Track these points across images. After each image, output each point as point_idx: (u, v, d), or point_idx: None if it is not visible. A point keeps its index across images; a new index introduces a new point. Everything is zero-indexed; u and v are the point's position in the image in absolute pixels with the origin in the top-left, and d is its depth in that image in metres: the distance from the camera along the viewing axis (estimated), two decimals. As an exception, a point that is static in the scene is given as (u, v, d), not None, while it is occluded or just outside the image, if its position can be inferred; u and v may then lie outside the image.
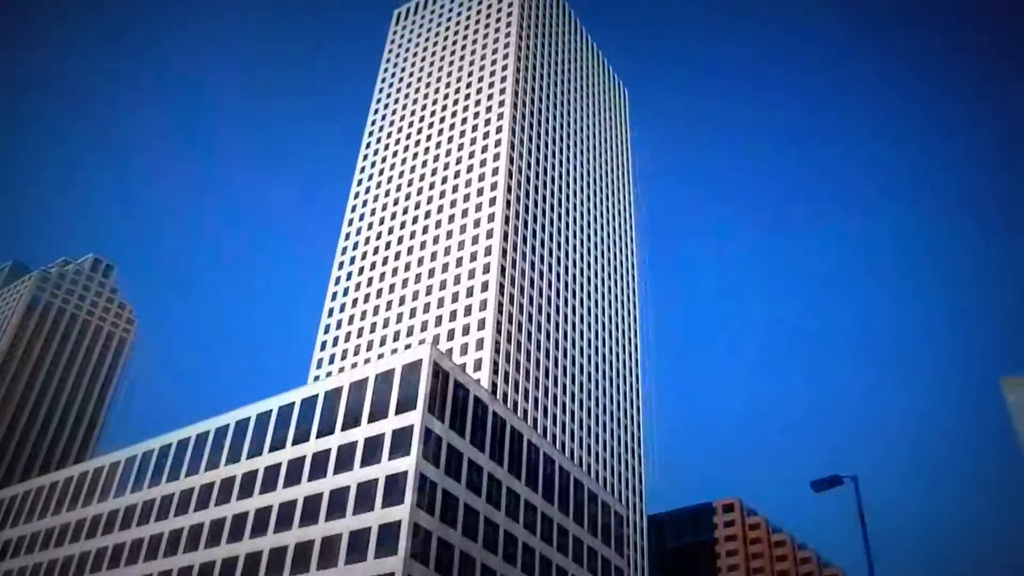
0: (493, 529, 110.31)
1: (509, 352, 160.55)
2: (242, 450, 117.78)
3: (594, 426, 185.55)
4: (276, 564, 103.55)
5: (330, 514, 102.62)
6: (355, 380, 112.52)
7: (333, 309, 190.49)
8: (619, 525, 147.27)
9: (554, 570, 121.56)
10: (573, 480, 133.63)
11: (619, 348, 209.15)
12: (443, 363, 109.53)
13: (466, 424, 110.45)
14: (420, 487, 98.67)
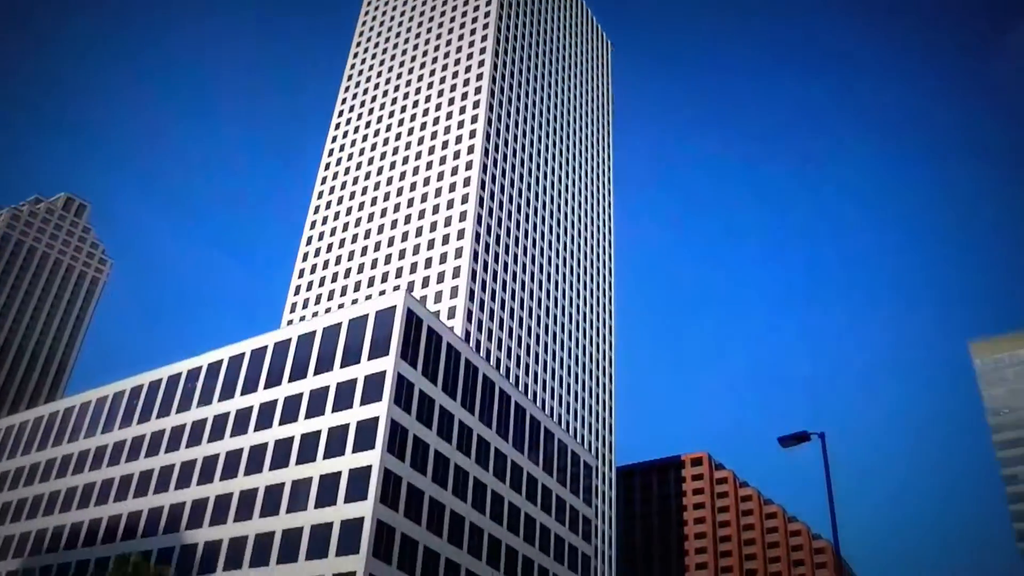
0: (463, 476, 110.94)
1: (483, 301, 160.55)
2: (214, 392, 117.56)
3: (566, 377, 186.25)
4: (245, 507, 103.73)
5: (301, 458, 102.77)
6: (328, 325, 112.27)
7: (308, 254, 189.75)
8: (588, 475, 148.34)
9: (523, 518, 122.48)
10: (544, 430, 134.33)
11: (593, 300, 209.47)
12: (417, 310, 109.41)
13: (439, 371, 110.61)
14: (391, 433, 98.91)
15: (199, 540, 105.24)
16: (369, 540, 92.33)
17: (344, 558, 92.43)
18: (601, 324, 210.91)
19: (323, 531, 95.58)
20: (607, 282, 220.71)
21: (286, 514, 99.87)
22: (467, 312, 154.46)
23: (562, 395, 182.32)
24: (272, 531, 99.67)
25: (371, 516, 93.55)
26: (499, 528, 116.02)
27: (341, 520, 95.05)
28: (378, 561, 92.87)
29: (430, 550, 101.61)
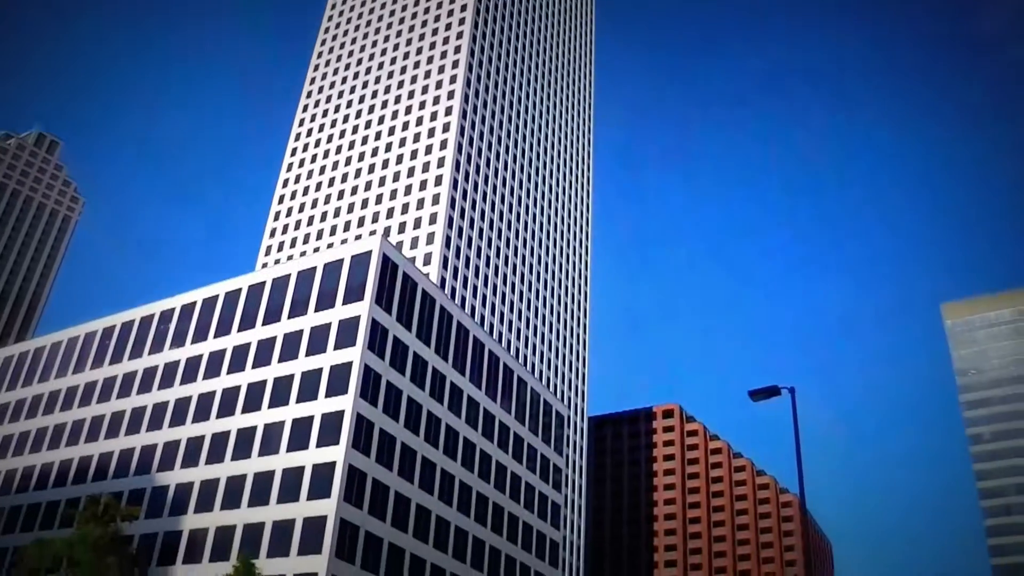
0: (435, 422, 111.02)
1: (460, 248, 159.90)
2: (187, 335, 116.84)
3: (540, 326, 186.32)
4: (217, 450, 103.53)
5: (273, 402, 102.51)
6: (303, 269, 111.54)
7: (284, 197, 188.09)
8: (560, 425, 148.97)
9: (493, 466, 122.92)
10: (517, 378, 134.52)
11: (570, 250, 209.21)
12: (393, 256, 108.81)
13: (413, 317, 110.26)
14: (364, 378, 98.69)
15: (170, 482, 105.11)
16: (341, 484, 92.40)
17: (315, 502, 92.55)
18: (577, 274, 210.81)
19: (295, 475, 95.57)
20: (584, 232, 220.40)
21: (258, 457, 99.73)
22: (443, 259, 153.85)
23: (536, 344, 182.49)
24: (244, 474, 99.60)
25: (343, 460, 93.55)
26: (470, 475, 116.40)
27: (313, 464, 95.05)
28: (349, 505, 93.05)
29: (401, 495, 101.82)
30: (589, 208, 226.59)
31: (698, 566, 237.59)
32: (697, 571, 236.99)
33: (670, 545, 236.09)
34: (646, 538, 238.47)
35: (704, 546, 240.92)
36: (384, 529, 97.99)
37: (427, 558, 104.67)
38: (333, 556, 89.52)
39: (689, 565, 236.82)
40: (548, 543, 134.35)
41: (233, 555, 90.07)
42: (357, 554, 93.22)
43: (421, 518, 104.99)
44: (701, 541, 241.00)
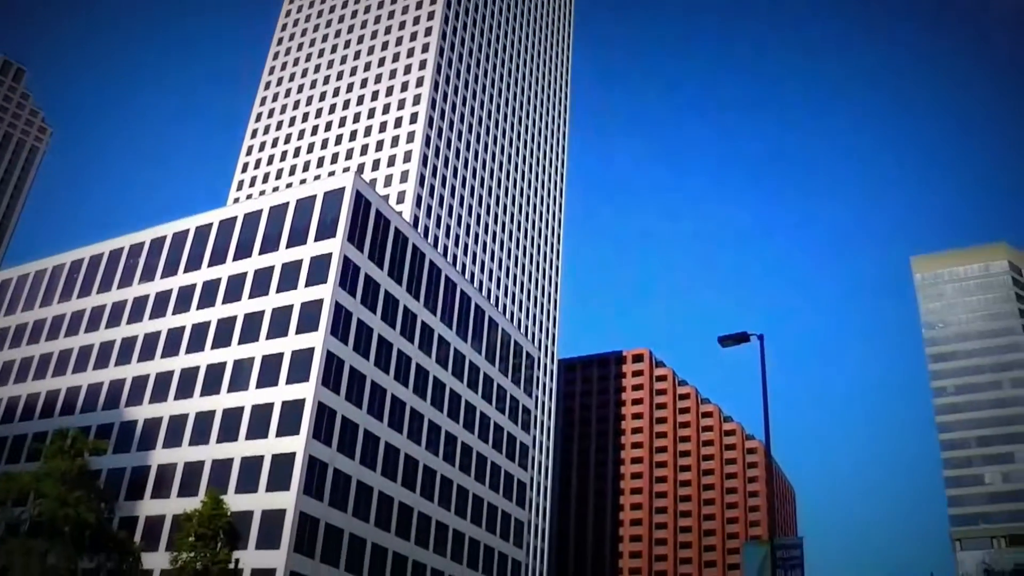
0: (405, 361, 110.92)
1: (434, 187, 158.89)
2: (157, 269, 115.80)
3: (513, 267, 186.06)
4: (186, 386, 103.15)
5: (243, 338, 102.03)
6: (275, 204, 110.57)
7: (257, 131, 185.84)
8: (530, 366, 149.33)
9: (463, 405, 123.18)
10: (488, 319, 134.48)
11: (544, 192, 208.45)
12: (366, 193, 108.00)
13: (385, 256, 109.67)
14: (335, 316, 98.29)
15: (139, 417, 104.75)
16: (310, 421, 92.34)
17: (284, 439, 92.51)
18: (551, 217, 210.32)
19: (264, 411, 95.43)
20: (559, 174, 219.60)
21: (227, 393, 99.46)
22: (417, 198, 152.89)
23: (508, 286, 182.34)
24: (212, 410, 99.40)
25: (312, 397, 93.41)
26: (439, 415, 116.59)
27: (282, 401, 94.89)
28: (318, 443, 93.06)
29: (370, 433, 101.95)
30: (564, 150, 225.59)
31: (663, 509, 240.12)
32: (662, 514, 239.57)
33: (636, 488, 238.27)
34: (613, 481, 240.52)
35: (670, 489, 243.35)
36: (352, 467, 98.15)
37: (395, 496, 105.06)
38: (301, 492, 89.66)
39: (654, 508, 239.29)
40: (516, 483, 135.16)
41: (201, 490, 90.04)
42: (325, 491, 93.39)
43: (390, 456, 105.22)
44: (667, 485, 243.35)
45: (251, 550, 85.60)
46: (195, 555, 69.08)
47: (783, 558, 33.66)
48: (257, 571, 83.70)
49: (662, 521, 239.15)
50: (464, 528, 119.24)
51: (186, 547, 70.13)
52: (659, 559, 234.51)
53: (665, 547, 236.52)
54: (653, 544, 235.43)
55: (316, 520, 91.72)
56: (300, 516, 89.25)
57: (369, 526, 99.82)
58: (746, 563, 36.27)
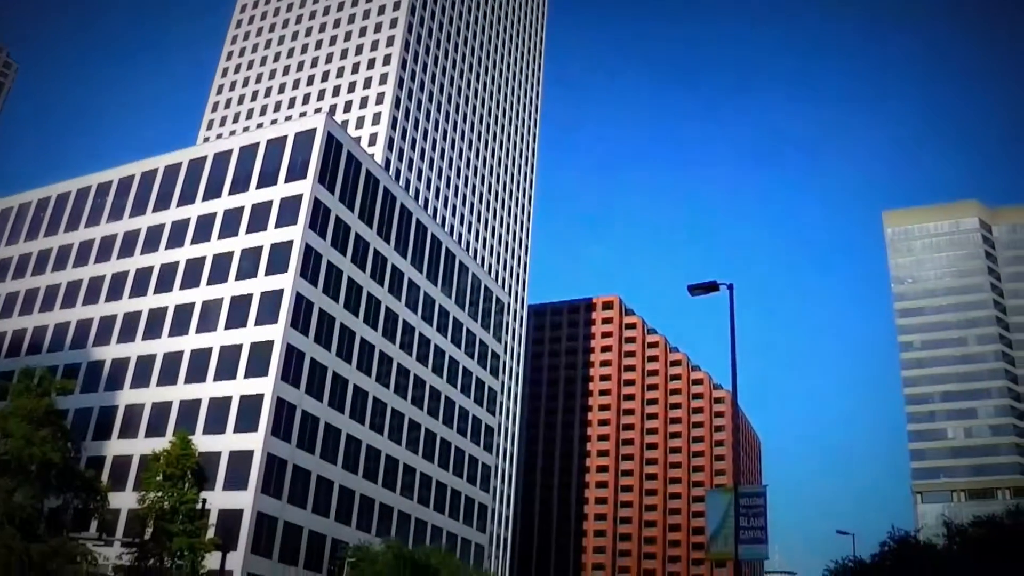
0: (375, 304, 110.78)
1: (406, 130, 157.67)
2: (125, 208, 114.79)
3: (485, 212, 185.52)
4: (154, 326, 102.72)
5: (212, 279, 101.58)
6: (246, 145, 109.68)
7: (228, 69, 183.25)
8: (500, 311, 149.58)
9: (432, 349, 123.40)
10: (458, 263, 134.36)
11: (517, 136, 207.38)
12: (338, 134, 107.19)
13: (356, 198, 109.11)
14: (305, 257, 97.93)
15: (106, 357, 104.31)
16: (278, 363, 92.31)
17: (253, 380, 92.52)
18: (524, 162, 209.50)
19: (232, 353, 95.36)
20: (532, 119, 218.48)
21: (195, 334, 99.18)
22: (389, 140, 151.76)
23: (479, 230, 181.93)
24: (181, 351, 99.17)
25: (281, 339, 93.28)
26: (408, 358, 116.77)
27: (251, 342, 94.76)
28: (287, 384, 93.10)
29: (338, 376, 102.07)
30: (539, 95, 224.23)
31: (629, 457, 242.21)
32: (629, 461, 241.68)
33: (603, 435, 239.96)
34: (580, 428, 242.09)
35: (637, 437, 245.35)
36: (320, 409, 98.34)
37: (363, 439, 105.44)
38: (269, 434, 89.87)
39: (621, 455, 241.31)
40: (483, 428, 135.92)
41: (169, 431, 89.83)
42: (293, 432, 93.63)
43: (358, 399, 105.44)
44: (634, 432, 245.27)
45: (219, 491, 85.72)
46: (162, 495, 69.03)
47: (746, 506, 33.96)
48: (225, 511, 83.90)
49: (628, 468, 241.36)
50: (431, 471, 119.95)
51: (153, 487, 70.04)
52: (624, 505, 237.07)
53: (631, 494, 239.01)
54: (619, 491, 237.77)
55: (284, 461, 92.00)
56: (268, 457, 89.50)
57: (336, 468, 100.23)
58: (710, 510, 36.55)
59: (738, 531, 33.46)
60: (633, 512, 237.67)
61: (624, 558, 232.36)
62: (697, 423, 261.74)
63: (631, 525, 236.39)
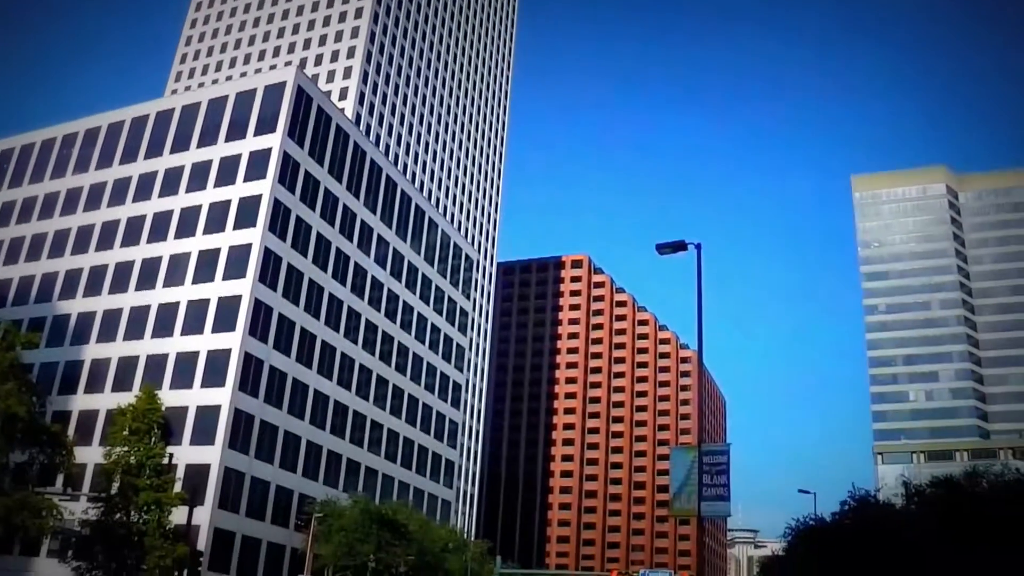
0: (344, 260, 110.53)
1: (377, 84, 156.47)
2: (91, 160, 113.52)
3: (455, 169, 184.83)
4: (121, 280, 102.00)
5: (180, 233, 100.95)
6: (214, 97, 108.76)
7: (197, 20, 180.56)
8: (468, 268, 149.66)
9: (401, 305, 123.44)
10: (428, 219, 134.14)
11: (489, 93, 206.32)
12: (308, 88, 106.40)
13: (326, 152, 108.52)
14: (274, 211, 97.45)
15: (72, 311, 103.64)
16: (246, 318, 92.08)
17: (220, 335, 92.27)
18: (495, 119, 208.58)
19: (200, 307, 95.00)
20: (504, 76, 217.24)
21: (163, 288, 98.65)
22: (359, 95, 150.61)
23: (449, 187, 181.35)
24: (148, 305, 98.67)
25: (249, 294, 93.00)
26: (376, 314, 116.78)
27: (218, 297, 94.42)
28: (254, 339, 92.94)
29: (306, 331, 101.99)
30: (511, 52, 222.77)
31: (596, 415, 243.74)
32: (595, 419, 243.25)
33: (570, 393, 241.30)
34: (547, 386, 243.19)
35: (603, 395, 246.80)
36: (289, 364, 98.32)
37: (331, 394, 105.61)
38: (236, 389, 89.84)
39: (588, 413, 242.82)
40: (451, 384, 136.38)
41: (136, 385, 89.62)
42: (261, 388, 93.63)
43: (326, 354, 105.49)
44: (601, 391, 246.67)
45: (186, 445, 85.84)
46: (129, 449, 68.97)
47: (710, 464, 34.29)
48: (192, 466, 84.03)
49: (594, 426, 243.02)
50: (399, 427, 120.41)
51: (120, 441, 69.97)
52: (591, 463, 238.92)
53: (597, 451, 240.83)
54: (585, 448, 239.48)
55: (251, 416, 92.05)
56: (235, 412, 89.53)
57: (304, 423, 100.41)
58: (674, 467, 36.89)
59: (701, 488, 33.82)
60: (599, 470, 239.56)
61: (589, 515, 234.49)
62: (663, 382, 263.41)
63: (597, 483, 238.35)
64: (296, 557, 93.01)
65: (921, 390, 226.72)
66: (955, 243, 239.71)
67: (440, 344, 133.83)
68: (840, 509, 66.88)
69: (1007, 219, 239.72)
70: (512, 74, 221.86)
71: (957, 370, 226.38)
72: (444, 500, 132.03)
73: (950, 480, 60.66)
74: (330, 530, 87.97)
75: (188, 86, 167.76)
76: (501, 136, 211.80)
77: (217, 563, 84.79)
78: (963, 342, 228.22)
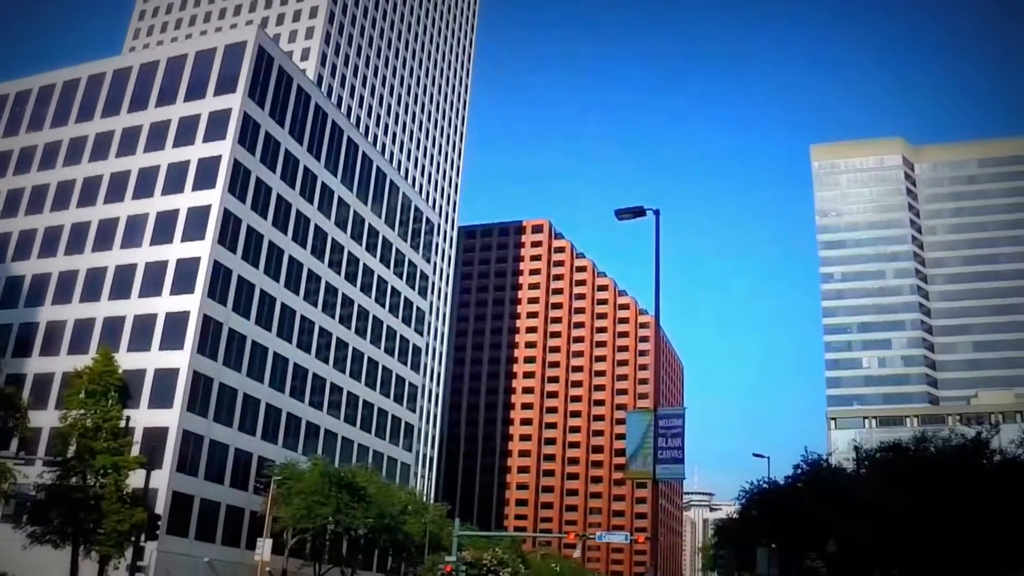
0: (304, 222, 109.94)
1: (339, 45, 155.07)
2: (46, 119, 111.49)
3: (417, 132, 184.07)
4: (77, 241, 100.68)
5: (138, 194, 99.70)
6: (173, 56, 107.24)
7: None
8: (430, 231, 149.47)
9: (361, 268, 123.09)
10: (389, 182, 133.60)
11: (452, 56, 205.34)
12: (269, 48, 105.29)
13: (286, 114, 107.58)
14: (233, 172, 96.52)
15: (26, 272, 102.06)
16: (205, 280, 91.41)
17: (178, 297, 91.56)
18: (457, 81, 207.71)
19: (158, 269, 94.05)
20: (468, 39, 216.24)
21: (120, 250, 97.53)
22: (322, 56, 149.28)
23: (411, 150, 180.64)
24: (104, 267, 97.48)
25: (208, 256, 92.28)
26: (336, 277, 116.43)
27: (177, 259, 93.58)
28: (213, 302, 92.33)
29: (266, 293, 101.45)
30: (475, 15, 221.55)
31: (555, 379, 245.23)
32: (554, 384, 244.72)
33: (529, 357, 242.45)
34: (507, 349, 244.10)
35: (563, 360, 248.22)
36: (248, 326, 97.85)
37: (290, 357, 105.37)
38: (195, 352, 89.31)
39: (547, 377, 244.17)
40: (411, 348, 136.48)
41: (93, 348, 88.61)
42: (219, 350, 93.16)
43: (285, 317, 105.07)
44: (560, 355, 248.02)
45: (144, 409, 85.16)
46: (85, 412, 68.24)
47: (665, 427, 34.63)
48: (150, 429, 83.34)
49: (553, 390, 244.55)
50: (358, 390, 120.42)
51: (76, 404, 69.10)
52: (549, 426, 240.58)
53: (556, 415, 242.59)
54: (544, 412, 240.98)
55: (210, 379, 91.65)
56: (194, 375, 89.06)
57: (263, 386, 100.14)
58: (630, 430, 37.24)
59: (656, 452, 34.21)
60: (557, 434, 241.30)
61: (548, 477, 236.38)
62: (622, 347, 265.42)
63: (555, 446, 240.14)
64: (255, 520, 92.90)
65: (874, 357, 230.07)
66: (910, 213, 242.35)
67: (400, 307, 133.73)
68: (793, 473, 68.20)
69: (961, 191, 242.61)
70: (475, 38, 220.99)
71: (909, 338, 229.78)
72: (403, 463, 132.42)
73: (898, 445, 62.19)
74: (289, 493, 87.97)
75: (147, 44, 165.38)
76: (464, 99, 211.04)
77: (175, 527, 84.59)
78: (916, 311, 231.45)
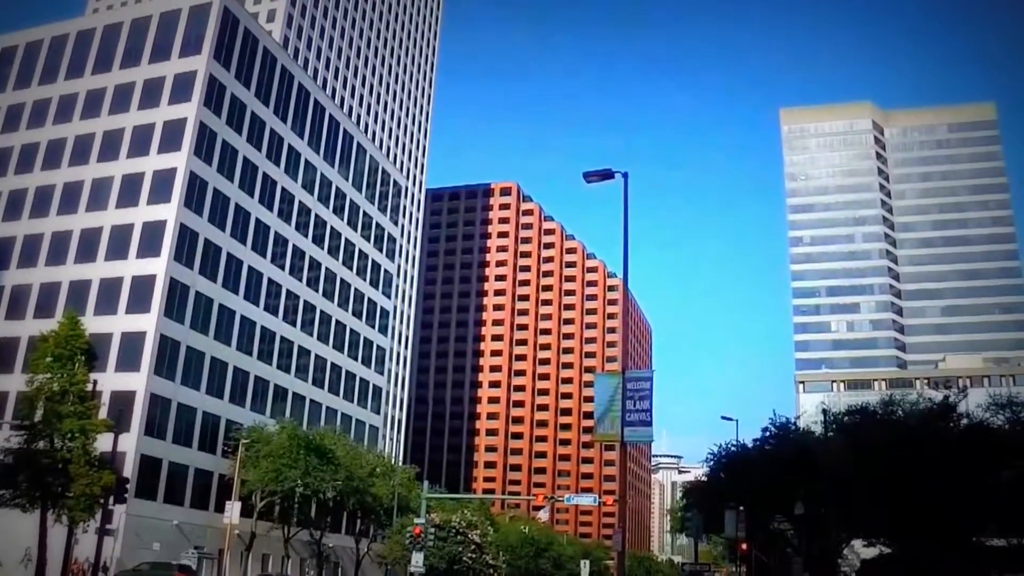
0: (271, 185, 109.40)
1: (306, 7, 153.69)
2: (8, 80, 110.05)
3: (384, 94, 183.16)
4: (42, 204, 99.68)
5: (102, 156, 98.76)
6: (138, 17, 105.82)
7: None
8: (397, 194, 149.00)
9: (328, 231, 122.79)
10: (356, 145, 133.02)
11: (419, 18, 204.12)
12: (234, 9, 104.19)
13: (253, 76, 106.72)
14: (199, 134, 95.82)
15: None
16: (172, 243, 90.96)
17: (145, 260, 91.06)
18: (425, 44, 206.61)
19: (124, 232, 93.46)
20: (436, 1, 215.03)
21: (85, 213, 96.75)
22: (288, 17, 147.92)
23: (378, 112, 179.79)
24: (70, 230, 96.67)
25: (174, 219, 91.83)
26: (303, 240, 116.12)
27: (143, 222, 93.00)
28: (180, 265, 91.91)
29: (233, 256, 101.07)
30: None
31: (524, 342, 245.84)
32: (522, 347, 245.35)
33: (498, 320, 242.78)
34: (475, 312, 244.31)
35: (531, 323, 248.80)
36: (215, 290, 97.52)
37: (257, 320, 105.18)
38: (162, 315, 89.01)
39: (515, 340, 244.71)
40: (379, 310, 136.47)
41: (59, 312, 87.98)
42: (186, 314, 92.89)
43: (252, 280, 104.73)
44: (528, 318, 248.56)
45: (111, 372, 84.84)
46: (52, 376, 67.92)
47: (633, 389, 34.82)
48: (117, 393, 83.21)
49: (522, 353, 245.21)
50: (326, 353, 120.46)
51: (42, 368, 68.71)
52: (518, 390, 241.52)
53: (524, 378, 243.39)
54: (512, 375, 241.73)
55: (177, 342, 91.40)
56: (160, 338, 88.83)
57: (231, 349, 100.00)
58: (598, 393, 37.42)
59: (624, 414, 34.46)
60: (526, 396, 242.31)
61: (516, 441, 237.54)
62: (591, 310, 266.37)
63: (524, 409, 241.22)
64: (223, 483, 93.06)
65: (843, 321, 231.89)
66: (879, 178, 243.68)
67: (368, 270, 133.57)
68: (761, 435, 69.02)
69: (930, 155, 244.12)
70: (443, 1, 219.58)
71: (878, 302, 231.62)
72: (372, 426, 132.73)
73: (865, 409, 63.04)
74: (257, 456, 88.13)
75: (110, 5, 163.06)
76: (431, 61, 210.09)
77: (144, 490, 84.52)
78: (884, 275, 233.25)
